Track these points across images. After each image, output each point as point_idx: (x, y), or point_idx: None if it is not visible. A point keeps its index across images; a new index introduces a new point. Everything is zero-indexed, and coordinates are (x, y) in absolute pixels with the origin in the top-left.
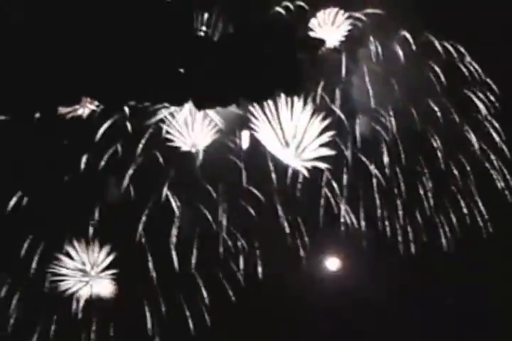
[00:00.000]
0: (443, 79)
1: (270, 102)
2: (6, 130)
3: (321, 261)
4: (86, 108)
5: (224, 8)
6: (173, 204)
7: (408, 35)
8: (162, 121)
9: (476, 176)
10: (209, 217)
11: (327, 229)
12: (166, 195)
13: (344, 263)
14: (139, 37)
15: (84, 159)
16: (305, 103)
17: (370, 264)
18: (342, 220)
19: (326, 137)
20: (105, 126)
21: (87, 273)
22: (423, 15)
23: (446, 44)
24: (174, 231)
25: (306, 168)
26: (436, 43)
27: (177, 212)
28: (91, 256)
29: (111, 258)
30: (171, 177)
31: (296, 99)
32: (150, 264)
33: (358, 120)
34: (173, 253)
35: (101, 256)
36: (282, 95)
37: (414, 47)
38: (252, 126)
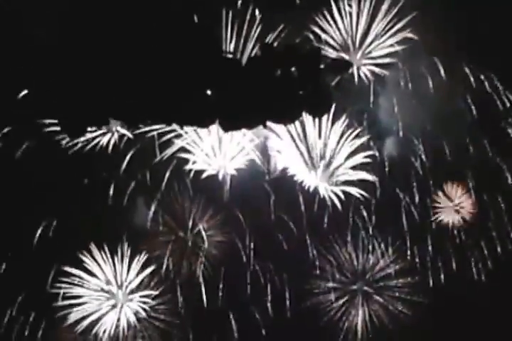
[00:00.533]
0: (473, 107)
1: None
2: (38, 153)
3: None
4: (115, 133)
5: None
6: (201, 230)
7: (438, 62)
8: (189, 144)
9: (508, 205)
10: (238, 243)
11: (355, 256)
12: (194, 220)
13: None
14: (168, 58)
15: (112, 184)
16: (333, 123)
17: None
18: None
19: (359, 158)
20: (132, 152)
21: (112, 295)
22: (457, 42)
23: (478, 72)
24: (202, 259)
25: (336, 194)
26: (468, 71)
27: (205, 241)
28: (118, 272)
29: (145, 274)
30: (199, 202)
31: (325, 117)
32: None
33: (385, 144)
34: (201, 279)
35: (132, 272)
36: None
37: (443, 74)
38: (276, 146)
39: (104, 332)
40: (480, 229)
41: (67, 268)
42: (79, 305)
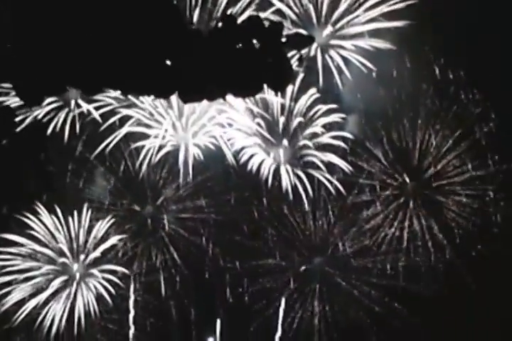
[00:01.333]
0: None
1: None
2: None
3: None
4: (75, 109)
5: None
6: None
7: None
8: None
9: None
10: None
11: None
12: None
13: None
14: (128, 27)
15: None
16: (296, 100)
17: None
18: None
19: (326, 138)
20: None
21: (67, 268)
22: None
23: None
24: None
25: (297, 175)
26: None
27: (165, 217)
28: (74, 239)
29: (107, 245)
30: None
31: (288, 94)
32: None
33: (349, 124)
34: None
35: (90, 241)
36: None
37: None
38: (236, 123)
39: (55, 313)
40: (441, 214)
41: (9, 236)
42: (24, 281)
